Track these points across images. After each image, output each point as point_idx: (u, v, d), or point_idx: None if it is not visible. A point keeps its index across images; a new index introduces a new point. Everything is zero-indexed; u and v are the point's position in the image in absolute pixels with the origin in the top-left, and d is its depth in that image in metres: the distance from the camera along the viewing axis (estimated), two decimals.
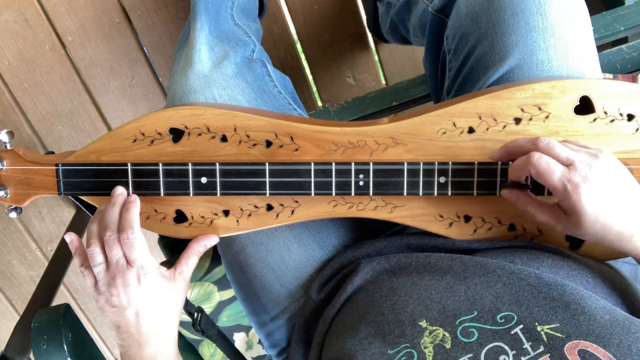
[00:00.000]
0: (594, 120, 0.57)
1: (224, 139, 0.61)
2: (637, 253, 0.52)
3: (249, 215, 0.63)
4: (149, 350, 0.59)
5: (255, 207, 0.63)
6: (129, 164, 0.61)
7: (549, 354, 0.45)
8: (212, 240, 0.64)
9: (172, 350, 0.61)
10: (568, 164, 0.50)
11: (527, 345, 0.46)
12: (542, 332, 0.47)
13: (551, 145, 0.52)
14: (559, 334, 0.46)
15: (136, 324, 0.58)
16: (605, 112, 0.57)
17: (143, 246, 0.58)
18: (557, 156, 0.51)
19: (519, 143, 0.55)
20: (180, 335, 1.05)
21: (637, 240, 0.51)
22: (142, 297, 0.58)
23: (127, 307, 0.58)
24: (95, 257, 0.58)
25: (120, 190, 0.60)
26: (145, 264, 0.58)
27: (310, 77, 1.34)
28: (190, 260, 0.63)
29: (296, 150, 0.61)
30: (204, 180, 0.61)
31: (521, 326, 0.48)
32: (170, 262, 1.04)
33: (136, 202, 0.59)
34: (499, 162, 0.58)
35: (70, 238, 0.61)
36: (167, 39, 1.26)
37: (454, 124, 0.59)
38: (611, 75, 0.96)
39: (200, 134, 0.61)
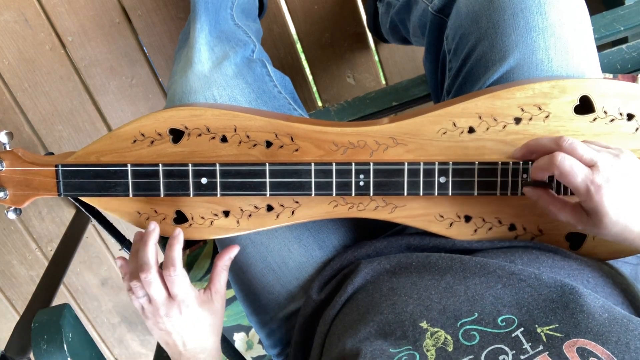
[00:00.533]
0: (594, 120, 0.57)
1: (224, 139, 0.61)
2: None
3: (249, 215, 0.63)
4: None
5: (256, 207, 0.63)
6: (128, 165, 0.61)
7: (547, 352, 0.45)
8: (234, 252, 0.66)
9: (216, 357, 0.65)
10: (591, 165, 0.50)
11: (526, 346, 0.46)
12: (541, 333, 0.47)
13: (574, 146, 0.51)
14: (557, 334, 0.46)
15: (183, 345, 0.62)
16: (605, 112, 0.57)
17: (185, 281, 0.60)
18: (580, 157, 0.50)
19: (541, 142, 0.54)
20: None
21: None
22: (185, 325, 0.61)
23: (173, 333, 0.61)
24: (137, 291, 0.60)
25: (152, 227, 0.61)
26: (186, 298, 0.60)
27: (310, 77, 1.34)
28: (222, 277, 0.65)
29: (296, 150, 0.61)
30: (204, 180, 0.61)
31: (522, 329, 0.48)
32: None
33: (179, 237, 0.61)
34: (499, 162, 0.58)
35: (121, 263, 0.63)
36: (167, 39, 1.26)
37: (454, 124, 0.59)
38: (611, 75, 0.96)
39: (200, 135, 0.61)
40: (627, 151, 0.52)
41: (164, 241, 1.13)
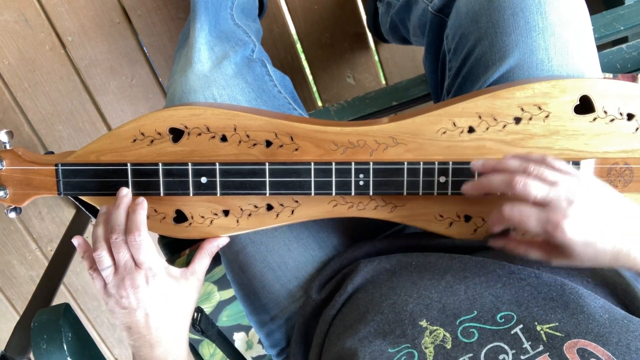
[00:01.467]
0: (594, 119, 0.57)
1: (223, 138, 0.61)
2: (639, 268, 0.50)
3: (249, 215, 0.63)
4: (160, 350, 0.59)
5: (255, 207, 0.63)
6: (128, 164, 0.61)
7: (548, 353, 0.45)
8: (223, 241, 0.64)
9: (183, 350, 0.61)
10: (544, 205, 0.49)
11: (526, 345, 0.46)
12: (541, 332, 0.47)
13: (527, 189, 0.49)
14: (558, 333, 0.46)
15: (146, 324, 0.58)
16: (605, 112, 0.57)
17: (150, 247, 0.58)
18: (533, 198, 0.49)
19: (493, 184, 0.53)
20: None
21: (636, 256, 0.49)
22: (151, 297, 0.58)
23: (137, 309, 0.58)
24: (102, 261, 0.58)
25: (124, 192, 0.60)
26: (153, 265, 0.58)
27: (310, 77, 1.34)
28: (204, 260, 0.63)
29: (296, 150, 0.61)
30: (204, 180, 0.61)
31: (521, 326, 0.48)
32: (171, 261, 1.04)
33: (143, 204, 0.59)
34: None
35: (78, 242, 0.61)
36: (167, 39, 1.26)
37: (454, 124, 0.59)
38: (611, 75, 0.96)
39: (200, 134, 0.61)
40: (583, 171, 0.51)
41: (164, 241, 1.13)
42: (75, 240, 0.61)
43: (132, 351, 0.60)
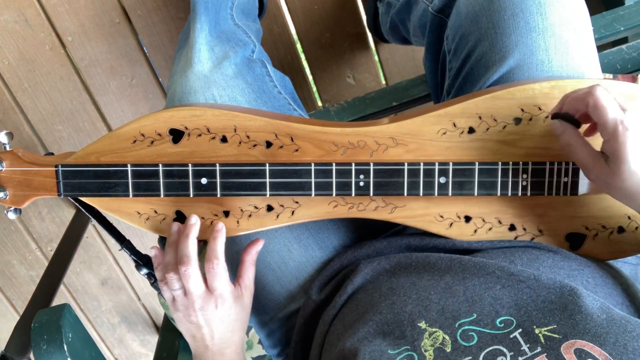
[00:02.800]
0: None
1: (224, 139, 0.61)
2: None
3: (249, 216, 0.63)
4: (220, 357, 0.61)
5: (256, 207, 0.63)
6: (128, 165, 0.61)
7: (545, 354, 0.45)
8: (259, 245, 0.65)
9: (240, 355, 0.64)
10: (623, 110, 0.49)
11: (524, 347, 0.46)
12: (539, 335, 0.47)
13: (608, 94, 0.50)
14: (555, 335, 0.46)
15: (211, 339, 0.61)
16: None
17: (225, 275, 0.59)
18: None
19: (577, 93, 0.52)
20: (180, 335, 1.05)
21: None
22: (218, 319, 0.60)
23: (204, 326, 0.60)
24: (173, 284, 0.59)
25: (194, 220, 0.61)
26: (224, 292, 0.60)
27: (310, 77, 1.34)
28: (249, 271, 0.64)
29: (296, 150, 0.61)
30: (204, 181, 0.61)
31: (520, 330, 0.48)
32: None
33: (223, 230, 0.61)
34: (499, 163, 0.58)
35: (155, 253, 0.63)
36: (167, 39, 1.26)
37: (454, 124, 0.59)
38: (611, 76, 0.96)
39: (200, 135, 0.61)
40: None
41: (164, 242, 1.13)
42: (152, 251, 0.63)
43: (193, 352, 0.63)
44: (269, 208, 0.63)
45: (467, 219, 0.61)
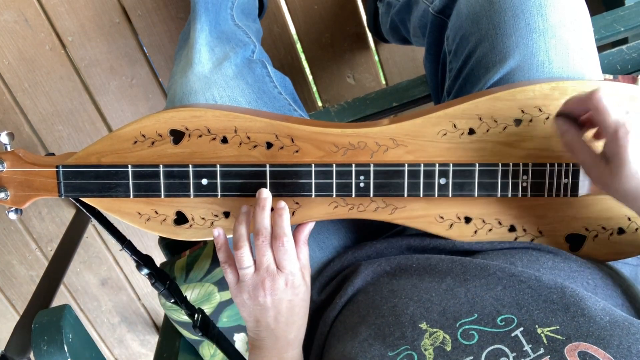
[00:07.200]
0: None
1: (224, 140, 0.61)
2: None
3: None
4: (284, 342, 0.59)
5: None
6: (129, 166, 0.61)
7: (549, 356, 0.45)
8: (311, 225, 0.63)
9: (301, 341, 0.62)
10: (626, 112, 0.49)
11: (527, 348, 0.46)
12: (542, 335, 0.47)
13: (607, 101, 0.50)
14: (559, 336, 0.46)
15: (276, 321, 0.58)
16: None
17: (294, 253, 0.58)
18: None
19: (580, 95, 0.53)
20: (180, 335, 1.05)
21: None
22: (286, 300, 0.58)
23: (271, 308, 0.58)
24: (244, 260, 0.57)
25: (266, 194, 0.58)
26: (294, 270, 0.58)
27: (310, 77, 1.34)
28: (303, 251, 0.61)
29: (297, 151, 0.61)
30: (204, 181, 0.61)
31: (521, 329, 0.48)
32: (170, 262, 1.04)
33: (286, 208, 0.58)
34: (499, 164, 0.58)
35: (218, 232, 0.60)
36: (167, 39, 1.26)
37: (455, 125, 0.59)
38: (611, 76, 0.96)
39: (200, 136, 0.61)
40: None
41: (164, 242, 1.13)
42: (216, 231, 0.60)
43: (253, 337, 0.61)
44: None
45: (467, 220, 0.61)
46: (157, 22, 1.24)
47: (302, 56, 1.32)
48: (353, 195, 0.60)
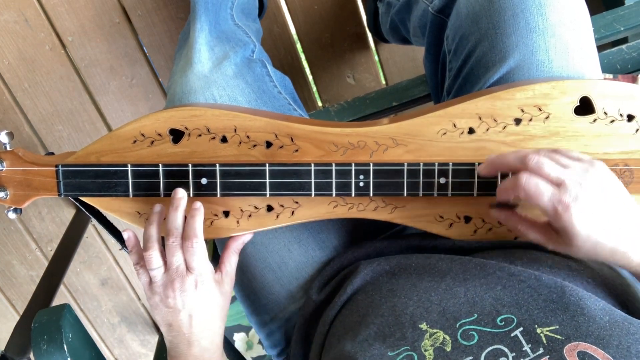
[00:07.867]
0: (594, 120, 0.57)
1: (224, 139, 0.61)
2: (632, 267, 0.50)
3: (249, 216, 0.63)
4: (198, 348, 0.60)
5: (256, 208, 0.63)
6: (129, 165, 0.61)
7: (548, 356, 0.45)
8: (247, 237, 0.64)
9: (219, 349, 0.62)
10: (558, 184, 0.49)
11: (526, 348, 0.46)
12: (541, 334, 0.47)
13: (540, 165, 0.49)
14: (558, 336, 0.46)
15: (188, 325, 0.59)
16: (605, 113, 0.57)
17: (204, 254, 0.58)
18: (547, 176, 0.49)
19: (506, 160, 0.53)
20: None
21: (632, 256, 0.49)
22: (197, 302, 0.59)
23: (182, 310, 0.58)
24: (153, 261, 0.58)
25: (181, 194, 0.60)
26: (204, 272, 0.59)
27: (310, 77, 1.34)
28: (232, 259, 0.64)
29: (296, 151, 0.61)
30: (204, 181, 0.61)
31: (521, 329, 0.48)
32: None
33: (201, 209, 0.59)
34: None
35: (128, 235, 0.61)
36: (167, 39, 1.26)
37: (454, 125, 0.59)
38: (611, 76, 0.96)
39: (200, 135, 0.61)
40: (599, 164, 0.50)
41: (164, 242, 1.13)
42: (126, 234, 0.62)
43: (168, 346, 0.61)
44: (269, 208, 0.63)
45: (467, 219, 0.61)
46: (157, 22, 1.24)
47: (302, 56, 1.32)
48: (353, 195, 0.60)
